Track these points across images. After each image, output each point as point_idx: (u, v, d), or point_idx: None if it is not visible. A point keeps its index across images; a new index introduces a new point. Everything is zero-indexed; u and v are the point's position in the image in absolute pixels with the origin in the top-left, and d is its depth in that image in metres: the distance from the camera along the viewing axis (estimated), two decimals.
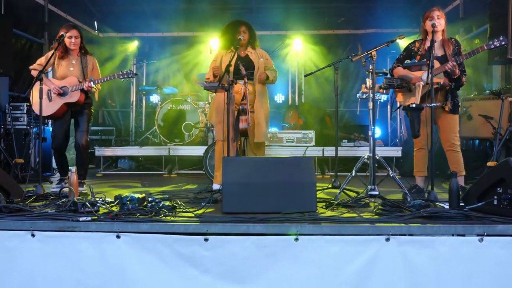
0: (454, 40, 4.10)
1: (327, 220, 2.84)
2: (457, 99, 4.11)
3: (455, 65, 3.84)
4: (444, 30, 4.08)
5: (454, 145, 4.05)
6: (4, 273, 2.68)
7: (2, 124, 5.79)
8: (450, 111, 4.04)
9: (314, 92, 8.96)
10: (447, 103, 4.04)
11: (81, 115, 4.52)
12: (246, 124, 4.12)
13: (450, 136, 4.07)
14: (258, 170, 3.17)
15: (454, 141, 4.06)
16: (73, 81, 4.42)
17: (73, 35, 4.40)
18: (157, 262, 2.65)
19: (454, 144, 4.05)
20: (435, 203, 3.38)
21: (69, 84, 4.40)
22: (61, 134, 4.47)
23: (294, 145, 6.73)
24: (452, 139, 4.06)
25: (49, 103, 4.35)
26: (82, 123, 4.51)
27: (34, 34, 6.86)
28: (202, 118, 6.91)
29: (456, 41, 4.11)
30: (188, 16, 8.29)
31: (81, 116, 4.52)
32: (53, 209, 3.06)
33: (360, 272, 2.60)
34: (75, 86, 4.40)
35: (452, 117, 4.07)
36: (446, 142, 4.09)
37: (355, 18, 8.45)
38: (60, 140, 4.47)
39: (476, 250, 2.58)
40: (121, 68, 9.02)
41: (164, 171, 6.71)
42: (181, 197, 3.90)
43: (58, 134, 4.46)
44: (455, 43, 4.07)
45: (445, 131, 4.10)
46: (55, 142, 4.47)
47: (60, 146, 4.49)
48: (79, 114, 4.53)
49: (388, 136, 8.54)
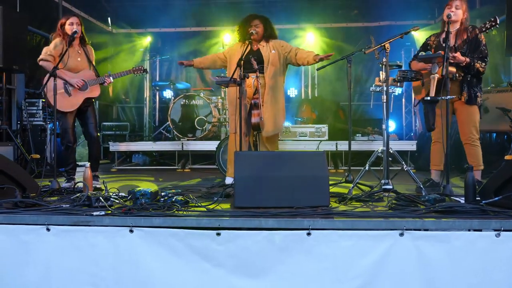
0: (471, 27, 3.94)
1: (340, 214, 2.81)
2: (475, 89, 3.93)
3: (455, 55, 3.71)
4: (463, 22, 3.96)
5: (472, 139, 3.94)
6: (20, 267, 2.72)
7: (19, 120, 5.88)
8: (466, 101, 3.92)
9: (327, 86, 8.90)
10: (463, 93, 3.92)
11: (89, 108, 4.51)
12: (258, 118, 4.11)
13: (468, 128, 3.95)
14: (271, 164, 3.16)
15: (472, 134, 3.94)
16: (89, 74, 4.40)
17: (74, 21, 4.35)
18: (170, 255, 2.66)
19: (472, 137, 3.94)
20: (451, 198, 3.33)
21: (86, 78, 4.38)
22: (71, 128, 4.42)
23: (307, 139, 6.70)
24: (470, 132, 3.94)
25: (69, 97, 4.31)
26: (91, 116, 4.51)
27: (48, 31, 6.89)
28: (215, 113, 6.91)
29: (472, 27, 3.93)
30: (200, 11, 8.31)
31: (90, 108, 4.52)
32: (68, 203, 3.09)
33: (373, 266, 2.57)
34: (94, 81, 4.38)
35: (469, 108, 3.94)
36: (464, 135, 3.98)
37: (368, 11, 8.36)
38: (71, 134, 4.42)
39: (493, 245, 2.53)
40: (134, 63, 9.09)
41: (177, 166, 6.74)
42: (194, 191, 3.92)
43: (68, 129, 4.40)
44: (470, 30, 3.90)
45: (463, 123, 3.98)
46: (66, 137, 4.40)
47: (71, 140, 4.42)
48: (87, 106, 4.50)
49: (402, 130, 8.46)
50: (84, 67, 4.44)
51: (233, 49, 4.55)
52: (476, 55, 3.86)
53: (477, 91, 3.95)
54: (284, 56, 4.50)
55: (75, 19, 4.38)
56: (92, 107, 4.55)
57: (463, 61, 3.77)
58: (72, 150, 4.48)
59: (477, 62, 3.83)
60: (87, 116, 4.52)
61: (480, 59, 3.85)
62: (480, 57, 3.86)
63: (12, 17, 5.29)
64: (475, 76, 3.94)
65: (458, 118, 4.04)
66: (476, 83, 3.96)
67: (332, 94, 8.73)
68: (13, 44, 5.23)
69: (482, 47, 3.88)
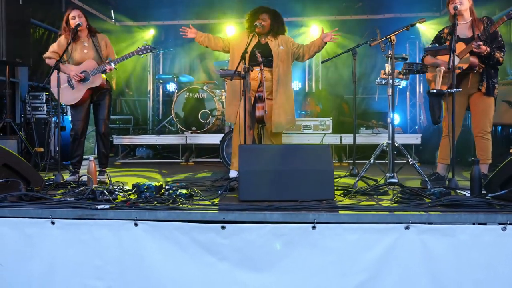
0: (486, 18, 3.91)
1: (345, 208, 2.80)
2: (494, 80, 3.90)
3: (479, 43, 3.70)
4: (471, 9, 3.93)
5: (485, 132, 3.90)
6: (24, 260, 2.73)
7: (22, 114, 5.88)
8: (485, 93, 3.87)
9: (331, 79, 8.85)
10: (483, 83, 3.87)
11: (101, 102, 4.48)
12: (262, 112, 4.08)
13: (483, 121, 3.90)
14: (275, 158, 3.15)
15: (485, 128, 3.90)
16: (91, 64, 4.35)
17: (75, 14, 4.33)
18: (174, 249, 2.66)
19: (485, 130, 3.90)
20: (456, 191, 3.31)
21: (88, 68, 4.34)
22: (81, 120, 4.40)
23: (311, 133, 6.67)
24: (484, 125, 3.90)
25: (73, 91, 4.28)
26: (102, 111, 4.49)
27: (51, 24, 6.91)
28: (219, 106, 6.89)
29: (488, 19, 3.90)
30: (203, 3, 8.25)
31: (102, 103, 4.48)
32: (72, 197, 3.09)
33: (378, 260, 2.57)
34: (95, 70, 4.33)
35: (487, 100, 3.90)
36: (477, 127, 3.94)
37: (373, 3, 8.27)
38: (80, 126, 4.40)
39: (499, 238, 2.52)
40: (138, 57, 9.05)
41: (181, 159, 6.74)
42: (198, 185, 3.91)
43: (77, 121, 4.39)
44: (487, 21, 3.88)
45: (478, 115, 3.94)
46: (74, 129, 4.39)
47: (79, 132, 4.41)
48: (100, 100, 4.48)
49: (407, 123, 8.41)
50: (90, 58, 4.39)
51: (239, 39, 4.48)
52: (495, 45, 3.83)
53: (495, 82, 3.94)
54: (292, 52, 4.47)
55: (76, 12, 4.36)
56: (105, 101, 4.48)
57: (485, 50, 3.74)
58: (79, 143, 4.46)
59: (497, 52, 3.81)
60: (97, 111, 4.51)
61: (499, 49, 3.83)
62: (499, 47, 3.84)
63: (15, 10, 5.27)
64: (493, 67, 3.92)
65: (473, 110, 4.00)
66: (494, 74, 3.93)
67: (336, 87, 8.67)
68: (16, 37, 5.21)
69: (499, 37, 3.86)
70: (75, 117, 4.40)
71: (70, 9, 4.42)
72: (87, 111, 4.48)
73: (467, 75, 3.92)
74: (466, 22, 3.97)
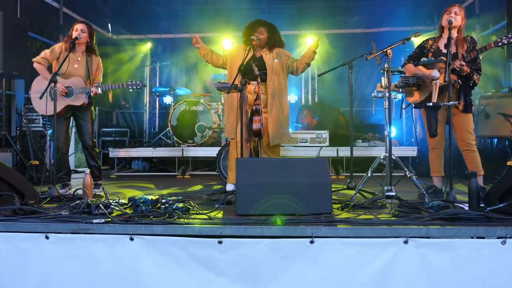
0: (470, 38, 3.97)
1: (343, 222, 2.78)
2: (470, 98, 3.97)
3: (463, 64, 3.74)
4: (461, 28, 3.97)
5: (470, 145, 3.94)
6: (18, 275, 2.68)
7: (18, 126, 5.85)
8: (463, 110, 3.92)
9: (328, 92, 8.89)
10: (460, 101, 3.91)
11: (83, 117, 4.47)
12: (259, 125, 4.09)
13: (465, 135, 3.95)
14: (272, 171, 3.13)
15: (469, 140, 3.94)
16: (78, 82, 4.34)
17: (79, 27, 4.36)
18: (171, 264, 2.62)
19: (470, 143, 3.94)
20: (454, 204, 3.30)
21: (74, 85, 4.33)
22: (61, 134, 4.39)
23: (308, 146, 6.67)
24: (467, 138, 3.94)
25: (51, 102, 4.14)
26: (86, 125, 4.47)
27: (49, 37, 6.92)
28: (215, 119, 6.89)
29: (471, 38, 3.98)
30: (200, 17, 8.30)
31: (84, 117, 4.47)
32: (67, 211, 3.05)
33: (377, 275, 2.54)
34: (81, 89, 4.32)
35: (465, 116, 3.95)
36: (461, 141, 3.98)
37: (368, 17, 8.36)
38: (62, 138, 4.38)
39: (499, 253, 2.50)
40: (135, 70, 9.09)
41: (177, 172, 6.71)
42: (195, 198, 3.88)
43: (58, 134, 4.34)
44: (470, 41, 3.94)
45: (460, 130, 3.98)
46: (57, 142, 4.32)
47: (61, 145, 4.38)
48: (81, 115, 4.47)
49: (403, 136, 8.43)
50: (79, 75, 4.39)
51: (235, 53, 4.51)
52: (474, 67, 3.88)
53: (471, 99, 4.00)
54: (287, 65, 4.49)
55: (81, 25, 4.40)
56: (88, 115, 4.48)
57: (466, 71, 3.79)
58: (62, 155, 4.44)
59: (475, 74, 3.88)
60: (82, 125, 4.49)
61: (476, 71, 3.90)
62: (477, 69, 3.91)
63: (12, 23, 5.28)
64: (471, 86, 3.98)
65: (454, 125, 4.03)
66: (469, 92, 4.00)
67: (333, 99, 8.70)
68: (13, 50, 5.21)
69: (478, 59, 3.92)
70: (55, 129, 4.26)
71: (79, 22, 4.48)
72: (68, 124, 4.48)
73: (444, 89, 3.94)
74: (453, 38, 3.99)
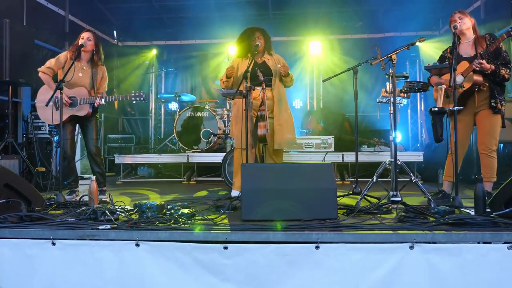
0: (488, 35, 3.92)
1: (349, 227, 2.77)
2: (500, 97, 3.88)
3: (481, 61, 3.71)
4: (474, 28, 3.95)
5: (490, 150, 3.88)
6: (25, 281, 2.69)
7: (24, 133, 5.89)
8: (492, 110, 3.86)
9: (333, 97, 8.90)
10: (490, 101, 3.86)
11: (88, 124, 4.52)
12: (264, 130, 4.09)
13: (488, 139, 3.88)
14: (278, 176, 3.13)
15: (490, 145, 3.87)
16: (83, 92, 4.37)
17: (85, 36, 4.39)
18: (176, 270, 2.63)
19: (490, 148, 3.87)
20: (460, 209, 3.28)
21: (79, 95, 4.37)
22: (67, 142, 4.43)
23: (313, 151, 6.66)
24: (489, 143, 3.87)
25: (56, 111, 4.26)
26: (91, 132, 4.52)
27: (55, 45, 6.98)
28: (221, 125, 6.91)
29: (491, 35, 3.91)
30: (205, 23, 8.35)
31: (88, 125, 4.52)
32: (73, 217, 3.07)
33: (383, 280, 2.53)
34: (85, 99, 4.36)
35: (493, 118, 3.88)
36: (482, 144, 3.92)
37: (373, 22, 8.38)
38: (68, 145, 4.43)
39: (505, 258, 2.48)
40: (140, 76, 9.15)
41: (183, 178, 6.72)
42: (200, 204, 3.89)
43: (64, 140, 4.40)
44: (489, 38, 3.88)
45: (484, 133, 3.92)
46: (63, 148, 4.37)
47: (67, 151, 4.44)
48: (86, 123, 4.52)
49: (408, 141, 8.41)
50: (84, 84, 4.43)
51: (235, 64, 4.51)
52: (499, 62, 3.83)
53: (502, 99, 3.92)
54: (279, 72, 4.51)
55: (87, 34, 4.44)
56: (92, 123, 4.53)
57: (488, 68, 3.74)
58: (69, 162, 4.48)
59: (502, 69, 3.80)
60: (86, 132, 4.55)
61: (504, 65, 3.83)
62: (504, 63, 3.84)
63: (18, 30, 5.33)
64: (500, 84, 3.91)
65: (478, 127, 3.98)
66: (500, 91, 3.92)
67: (338, 105, 8.72)
68: (19, 58, 5.26)
69: (503, 53, 3.85)
70: (62, 137, 4.33)
71: (85, 30, 4.52)
72: (73, 131, 4.52)
73: (472, 93, 3.91)
74: (468, 40, 4.00)
